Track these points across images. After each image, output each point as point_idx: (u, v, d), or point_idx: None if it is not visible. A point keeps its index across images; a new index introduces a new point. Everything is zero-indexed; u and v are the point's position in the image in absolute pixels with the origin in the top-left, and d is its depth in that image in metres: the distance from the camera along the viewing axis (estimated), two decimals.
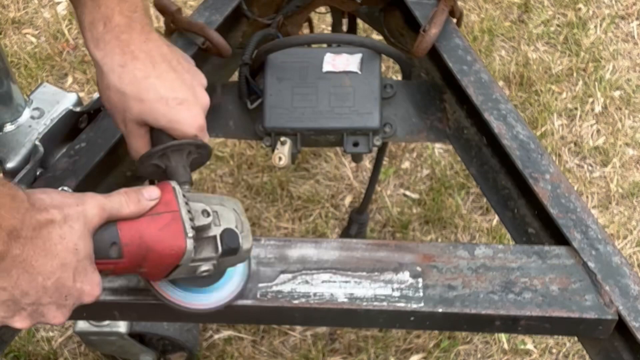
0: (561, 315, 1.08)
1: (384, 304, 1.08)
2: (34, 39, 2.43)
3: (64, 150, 1.22)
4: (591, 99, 2.31)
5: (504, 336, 1.92)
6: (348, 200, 2.12)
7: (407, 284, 1.10)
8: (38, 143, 1.20)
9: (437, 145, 2.20)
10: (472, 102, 1.26)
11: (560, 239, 1.15)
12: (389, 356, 1.89)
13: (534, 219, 1.21)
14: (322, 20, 2.29)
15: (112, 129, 1.20)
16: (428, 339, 1.91)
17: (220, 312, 1.05)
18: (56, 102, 1.25)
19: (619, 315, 1.07)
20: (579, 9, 2.49)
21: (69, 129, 1.24)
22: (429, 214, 2.07)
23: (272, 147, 1.28)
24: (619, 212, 2.12)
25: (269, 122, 1.27)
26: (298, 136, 1.28)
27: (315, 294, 1.09)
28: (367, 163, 2.15)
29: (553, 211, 1.16)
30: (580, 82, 2.33)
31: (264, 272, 1.11)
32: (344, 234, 1.95)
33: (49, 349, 1.88)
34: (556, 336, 1.91)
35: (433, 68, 1.37)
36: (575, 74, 2.35)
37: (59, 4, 2.49)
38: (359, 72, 1.28)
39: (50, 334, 1.90)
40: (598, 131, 2.26)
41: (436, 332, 1.90)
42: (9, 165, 1.20)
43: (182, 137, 1.02)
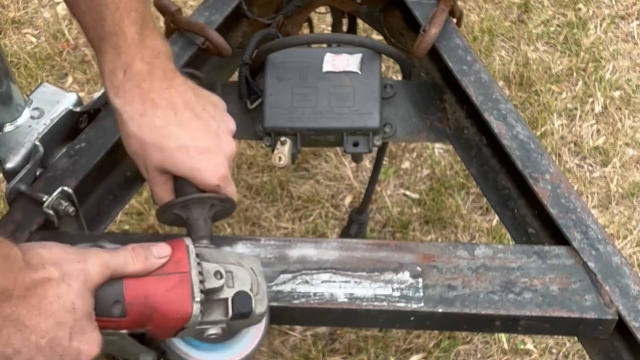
0: (561, 315, 1.08)
1: (384, 304, 1.08)
2: (33, 39, 2.42)
3: (64, 150, 1.22)
4: (591, 99, 2.31)
5: (504, 336, 1.92)
6: (348, 200, 2.12)
7: (407, 284, 1.09)
8: (38, 143, 1.19)
9: (437, 145, 2.20)
10: (472, 102, 1.26)
11: (560, 239, 1.15)
12: (389, 356, 1.89)
13: (534, 219, 1.21)
14: (322, 20, 2.29)
15: (112, 129, 1.19)
16: (428, 339, 1.91)
17: None
18: (56, 102, 1.25)
19: (619, 315, 1.07)
20: (579, 9, 2.49)
21: (69, 129, 1.24)
22: (429, 214, 2.07)
23: (272, 147, 1.28)
24: (619, 212, 2.12)
25: (269, 122, 1.27)
26: (298, 136, 1.28)
27: (315, 294, 1.08)
28: (367, 163, 2.15)
29: (553, 211, 1.16)
30: (580, 82, 2.33)
31: (264, 272, 1.10)
32: (344, 234, 1.95)
33: None
34: (556, 336, 1.91)
35: (433, 68, 1.37)
36: (575, 74, 2.35)
37: (59, 4, 2.48)
38: (359, 72, 1.28)
39: None
40: (598, 131, 2.26)
41: (436, 332, 1.90)
42: (9, 165, 1.19)
43: (204, 186, 1.00)
